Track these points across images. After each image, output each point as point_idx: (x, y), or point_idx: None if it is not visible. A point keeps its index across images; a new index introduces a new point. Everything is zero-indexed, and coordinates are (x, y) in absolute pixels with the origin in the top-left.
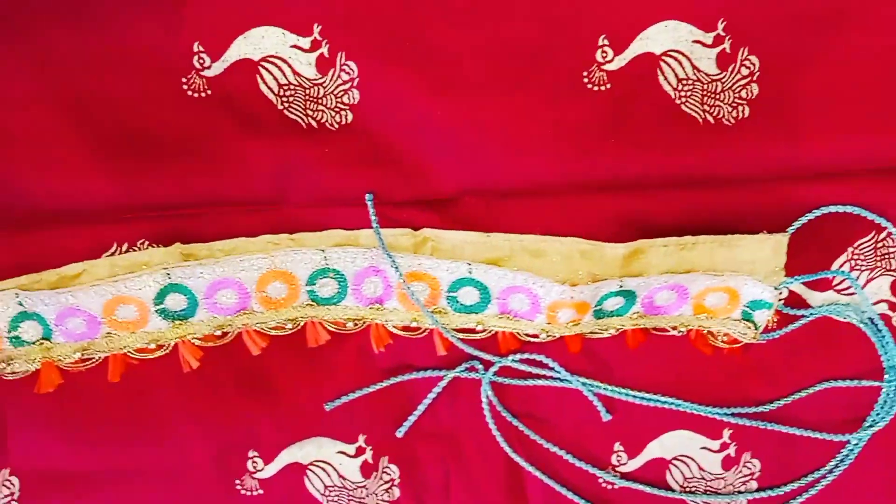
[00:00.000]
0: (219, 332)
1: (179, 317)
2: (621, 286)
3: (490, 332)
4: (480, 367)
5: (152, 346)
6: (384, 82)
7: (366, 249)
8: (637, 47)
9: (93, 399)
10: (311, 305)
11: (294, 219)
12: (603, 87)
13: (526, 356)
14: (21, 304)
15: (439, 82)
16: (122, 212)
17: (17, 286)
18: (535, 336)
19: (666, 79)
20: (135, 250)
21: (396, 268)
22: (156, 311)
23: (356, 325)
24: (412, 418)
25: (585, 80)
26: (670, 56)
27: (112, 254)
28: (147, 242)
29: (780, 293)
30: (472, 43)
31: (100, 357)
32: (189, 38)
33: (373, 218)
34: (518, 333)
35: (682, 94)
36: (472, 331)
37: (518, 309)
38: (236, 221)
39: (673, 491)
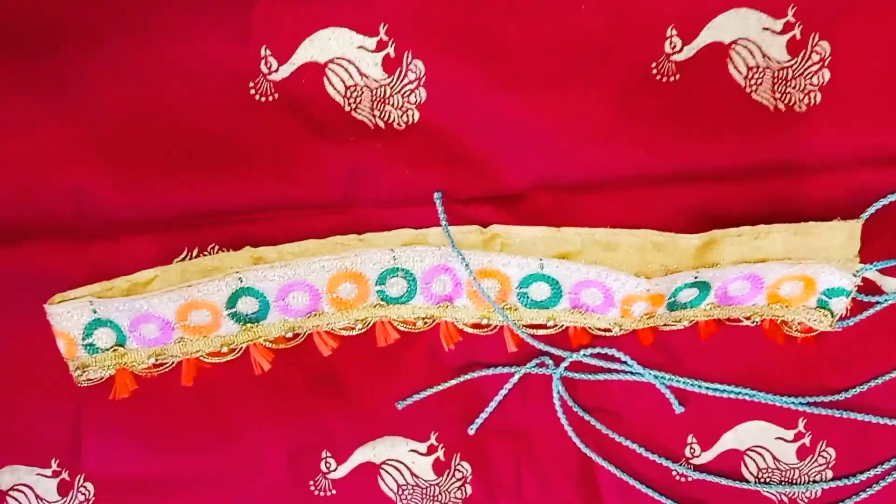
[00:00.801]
0: (289, 335)
1: (251, 320)
2: (696, 277)
3: (561, 327)
4: (550, 362)
5: (224, 349)
6: (451, 80)
7: (435, 248)
8: (706, 37)
9: (166, 404)
10: (381, 305)
11: (362, 219)
12: (672, 78)
13: (597, 350)
14: (95, 312)
15: (506, 78)
16: (193, 218)
17: (91, 294)
18: (608, 330)
19: (735, 67)
20: (205, 255)
21: (467, 265)
22: (228, 315)
23: (426, 323)
24: (483, 415)
25: (654, 71)
26: (739, 44)
27: (183, 259)
28: (217, 247)
29: (857, 280)
30: (538, 37)
31: (173, 362)
32: (257, 43)
33: (441, 216)
34: (589, 328)
35: (753, 82)
36: (543, 326)
37: (590, 303)
38: (305, 224)
39: (747, 482)
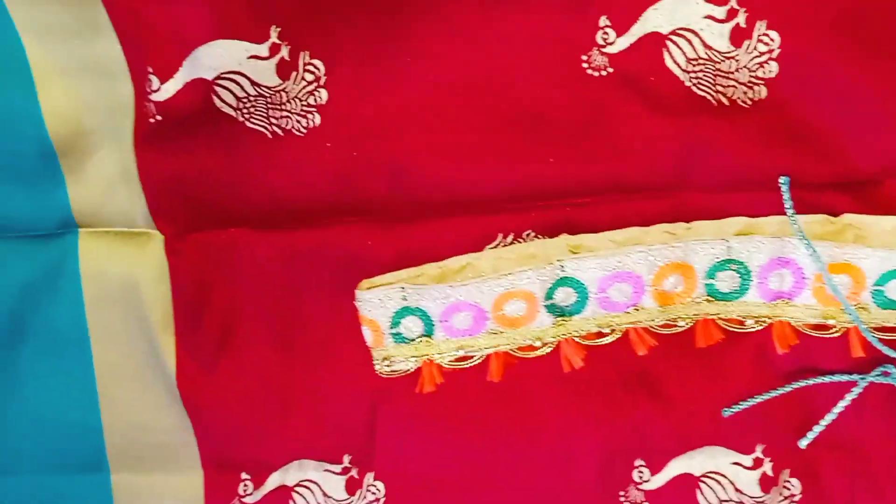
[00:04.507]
0: (607, 330)
1: (565, 313)
2: None
3: None
4: (894, 370)
5: (538, 343)
6: (807, 52)
7: (774, 238)
8: None
9: (468, 401)
10: (709, 301)
11: (690, 205)
12: None
13: None
14: (405, 299)
15: (866, 49)
16: (509, 201)
17: (399, 280)
18: None
19: None
20: (520, 242)
21: (819, 258)
22: (545, 307)
23: (758, 322)
24: (819, 428)
25: None
26: None
27: (495, 246)
28: (533, 234)
29: None
30: None
31: (481, 355)
32: (596, 12)
33: (787, 203)
34: None
35: None
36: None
37: None
38: (628, 209)
39: None
